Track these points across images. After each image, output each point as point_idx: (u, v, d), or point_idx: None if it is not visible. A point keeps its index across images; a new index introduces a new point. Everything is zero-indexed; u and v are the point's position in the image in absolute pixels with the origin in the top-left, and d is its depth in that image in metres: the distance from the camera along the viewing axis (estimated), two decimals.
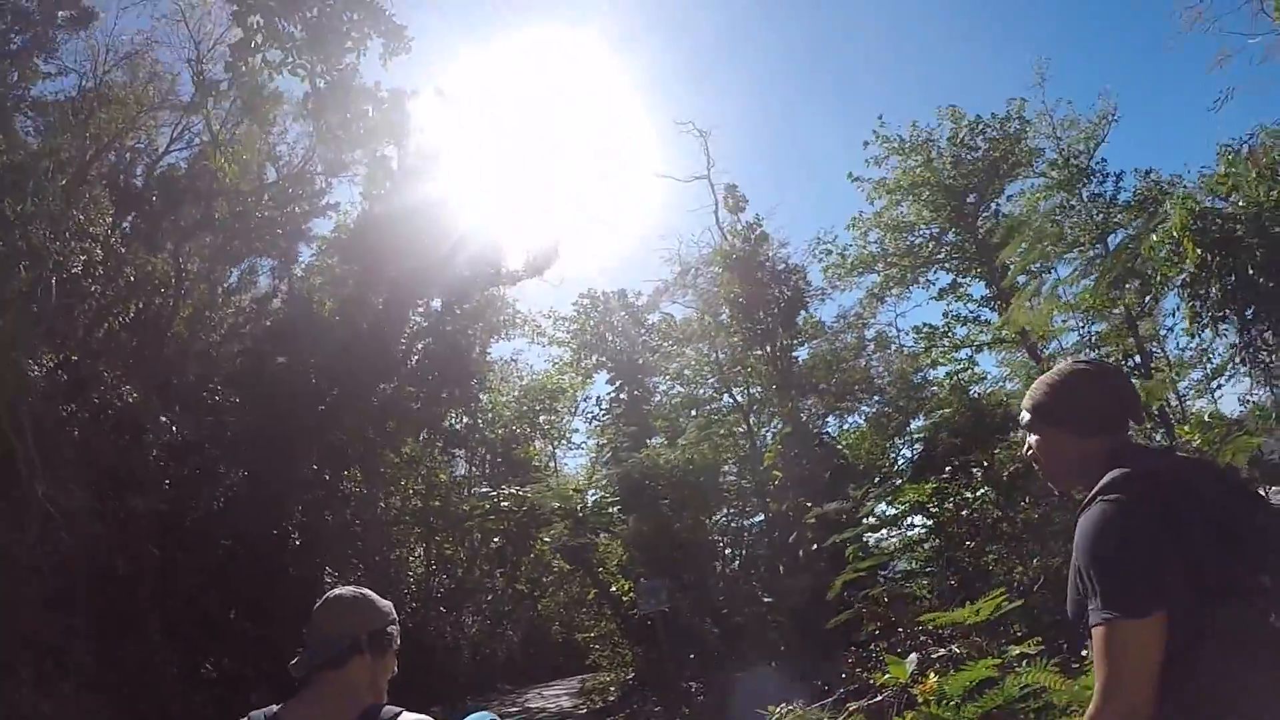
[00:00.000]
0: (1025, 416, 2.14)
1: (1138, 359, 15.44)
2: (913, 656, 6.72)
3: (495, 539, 21.06)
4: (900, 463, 17.06)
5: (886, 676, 6.65)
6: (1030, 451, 2.15)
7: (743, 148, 43.49)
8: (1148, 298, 8.37)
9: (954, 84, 40.87)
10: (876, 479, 16.64)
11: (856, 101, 42.40)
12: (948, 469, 13.21)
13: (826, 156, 43.45)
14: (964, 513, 12.89)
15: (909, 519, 16.16)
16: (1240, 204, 7.13)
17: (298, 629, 2.32)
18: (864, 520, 10.78)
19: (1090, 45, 36.88)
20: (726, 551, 18.60)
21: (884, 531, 16.87)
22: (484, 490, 20.75)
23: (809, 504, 12.75)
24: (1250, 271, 7.04)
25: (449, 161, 20.49)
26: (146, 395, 13.02)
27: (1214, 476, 1.94)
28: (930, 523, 14.60)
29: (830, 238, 20.99)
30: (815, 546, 11.87)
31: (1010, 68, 44.71)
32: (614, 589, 19.26)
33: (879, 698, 7.27)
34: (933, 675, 6.43)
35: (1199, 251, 6.98)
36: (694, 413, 22.04)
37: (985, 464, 12.66)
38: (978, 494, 12.88)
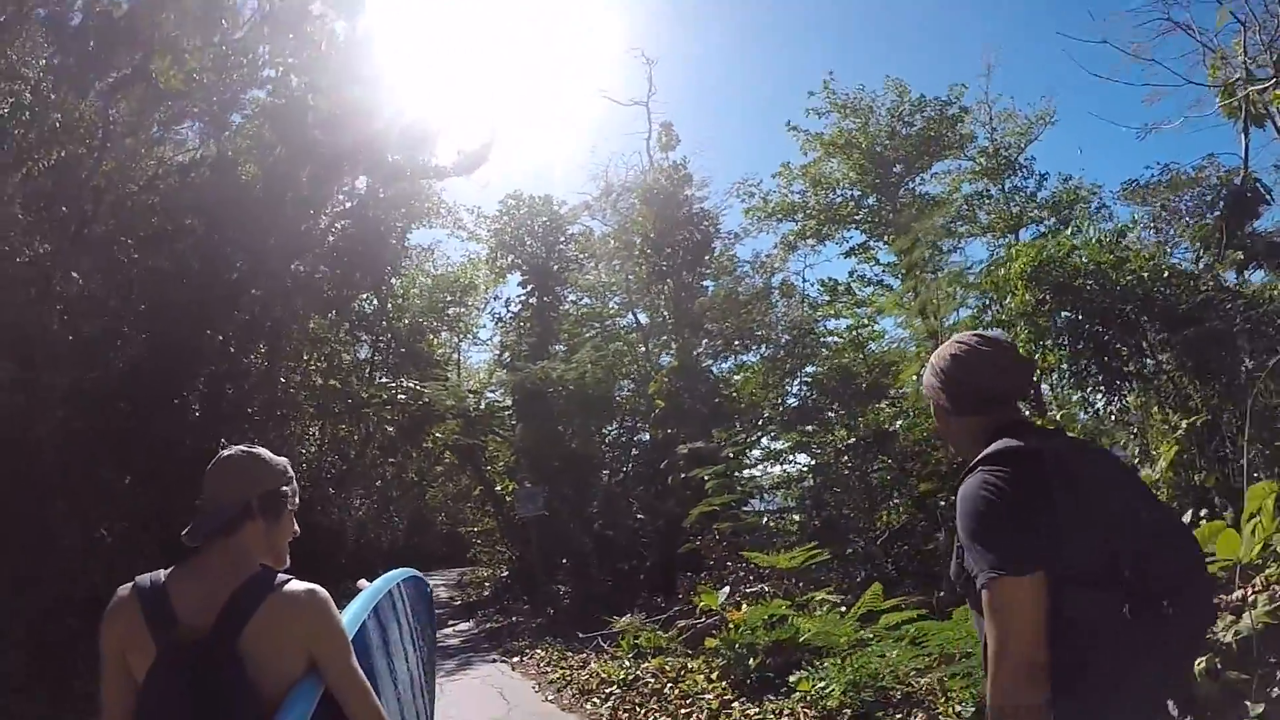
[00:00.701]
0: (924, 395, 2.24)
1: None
2: (725, 589, 8.02)
3: (389, 428, 21.92)
4: (787, 405, 18.40)
5: (704, 602, 7.95)
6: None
7: (686, 81, 44.28)
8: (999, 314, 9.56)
9: (904, 56, 41.74)
10: (764, 415, 18.01)
11: (805, 56, 43.00)
12: (811, 424, 14.60)
13: (765, 104, 44.48)
14: (844, 459, 14.29)
15: (792, 457, 17.67)
16: (1083, 260, 8.30)
17: (192, 499, 2.36)
18: (726, 457, 11.95)
19: (1042, 49, 37.93)
20: (614, 464, 19.70)
21: (762, 468, 18.39)
22: (383, 380, 21.57)
23: (683, 436, 13.93)
24: (1080, 317, 8.28)
25: (394, 46, 20.57)
26: (59, 246, 13.10)
27: (1101, 462, 2.03)
28: (812, 463, 16.04)
29: (756, 181, 22.07)
30: (683, 476, 13.06)
31: (964, 51, 45.93)
32: (499, 489, 20.46)
33: (705, 620, 8.57)
34: (745, 606, 7.74)
35: (1034, 294, 8.22)
36: (596, 326, 23.04)
37: (849, 424, 14.04)
38: (850, 443, 14.26)
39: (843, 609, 6.88)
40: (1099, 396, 8.32)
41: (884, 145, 20.43)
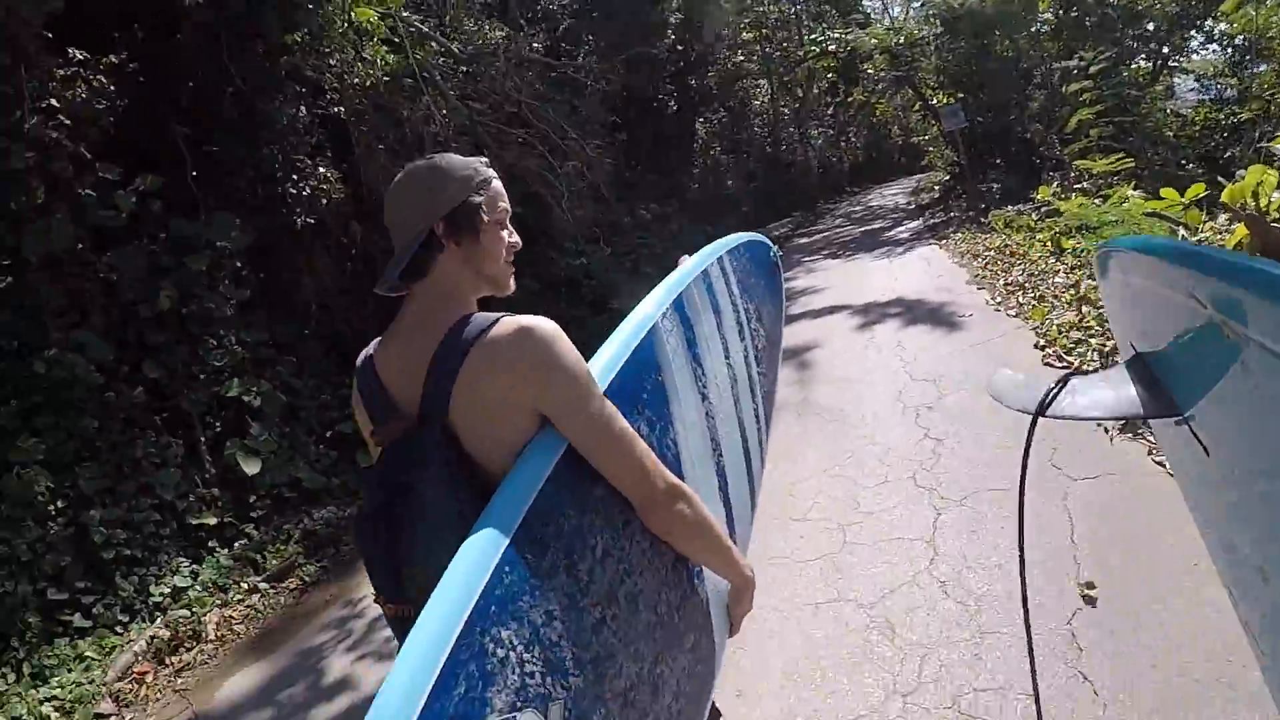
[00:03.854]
0: None
1: None
2: (1055, 185, 14.02)
3: (829, 75, 28.41)
4: None
5: (1041, 195, 14.05)
6: None
7: None
8: None
9: None
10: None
11: None
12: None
13: None
14: None
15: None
16: None
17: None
18: (1090, 73, 16.74)
19: None
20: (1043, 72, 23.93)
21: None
22: (811, 37, 27.83)
23: (1070, 49, 18.62)
24: None
25: None
26: None
27: None
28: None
29: None
30: (1061, 89, 18.12)
31: None
32: (934, 101, 26.27)
33: (1049, 206, 14.64)
34: (1074, 199, 13.75)
35: None
36: None
37: None
38: None
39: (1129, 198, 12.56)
40: None
41: None
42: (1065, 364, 7.48)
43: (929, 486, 5.45)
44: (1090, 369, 6.00)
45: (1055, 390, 1.50)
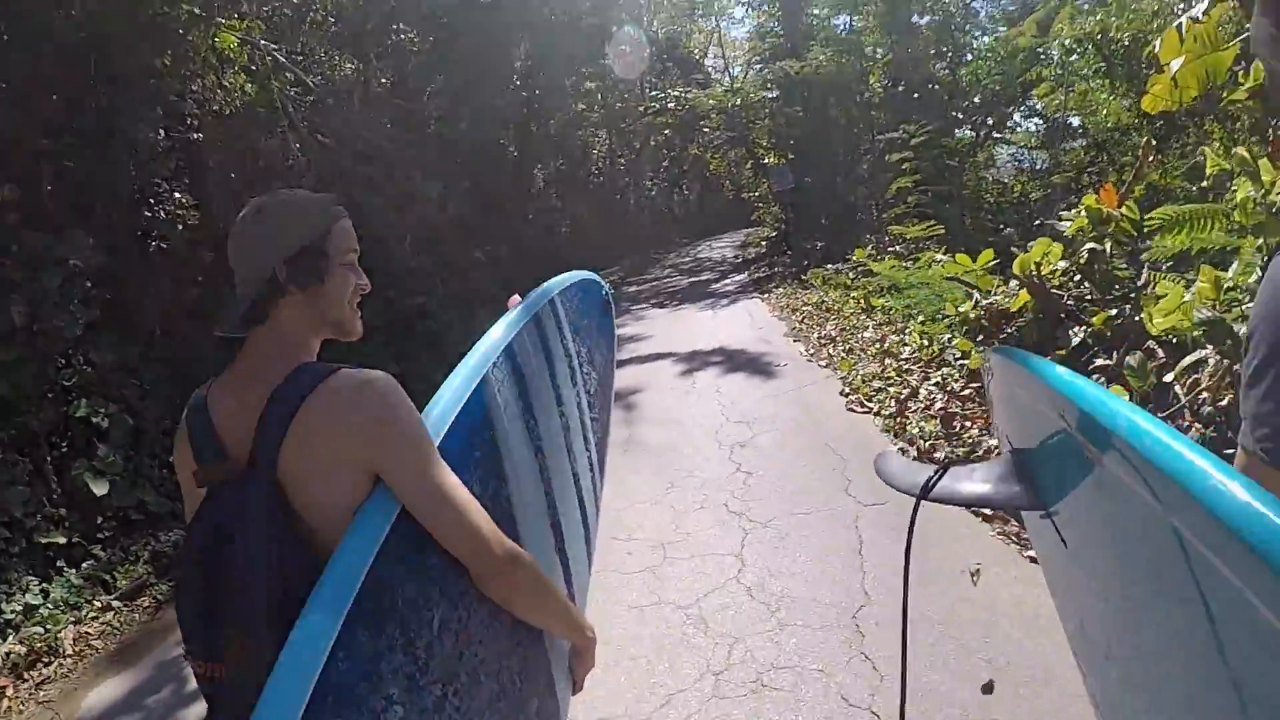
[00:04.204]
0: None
1: None
2: (870, 247, 15.37)
3: (665, 131, 29.80)
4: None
5: (857, 256, 15.35)
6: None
7: None
8: None
9: None
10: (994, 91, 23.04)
11: None
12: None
13: None
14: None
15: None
16: None
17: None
18: (912, 145, 18.41)
19: None
20: (864, 139, 25.77)
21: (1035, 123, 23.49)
22: (652, 93, 29.17)
23: (892, 122, 20.37)
24: None
25: None
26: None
27: None
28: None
29: None
30: (885, 158, 19.82)
31: None
32: (766, 161, 27.90)
33: (862, 267, 16.01)
34: (886, 261, 15.10)
35: None
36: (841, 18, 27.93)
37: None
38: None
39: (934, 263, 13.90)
40: None
41: None
42: (866, 409, 8.50)
43: (739, 511, 6.27)
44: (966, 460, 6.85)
45: (936, 477, 1.63)
